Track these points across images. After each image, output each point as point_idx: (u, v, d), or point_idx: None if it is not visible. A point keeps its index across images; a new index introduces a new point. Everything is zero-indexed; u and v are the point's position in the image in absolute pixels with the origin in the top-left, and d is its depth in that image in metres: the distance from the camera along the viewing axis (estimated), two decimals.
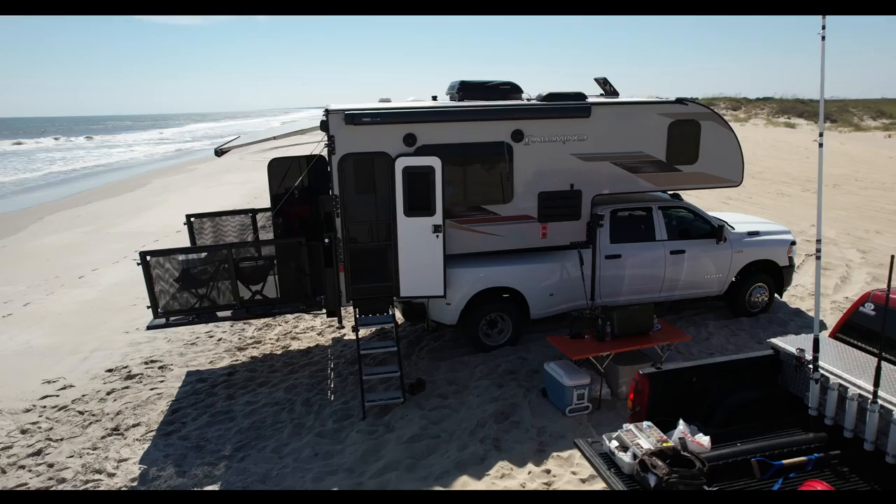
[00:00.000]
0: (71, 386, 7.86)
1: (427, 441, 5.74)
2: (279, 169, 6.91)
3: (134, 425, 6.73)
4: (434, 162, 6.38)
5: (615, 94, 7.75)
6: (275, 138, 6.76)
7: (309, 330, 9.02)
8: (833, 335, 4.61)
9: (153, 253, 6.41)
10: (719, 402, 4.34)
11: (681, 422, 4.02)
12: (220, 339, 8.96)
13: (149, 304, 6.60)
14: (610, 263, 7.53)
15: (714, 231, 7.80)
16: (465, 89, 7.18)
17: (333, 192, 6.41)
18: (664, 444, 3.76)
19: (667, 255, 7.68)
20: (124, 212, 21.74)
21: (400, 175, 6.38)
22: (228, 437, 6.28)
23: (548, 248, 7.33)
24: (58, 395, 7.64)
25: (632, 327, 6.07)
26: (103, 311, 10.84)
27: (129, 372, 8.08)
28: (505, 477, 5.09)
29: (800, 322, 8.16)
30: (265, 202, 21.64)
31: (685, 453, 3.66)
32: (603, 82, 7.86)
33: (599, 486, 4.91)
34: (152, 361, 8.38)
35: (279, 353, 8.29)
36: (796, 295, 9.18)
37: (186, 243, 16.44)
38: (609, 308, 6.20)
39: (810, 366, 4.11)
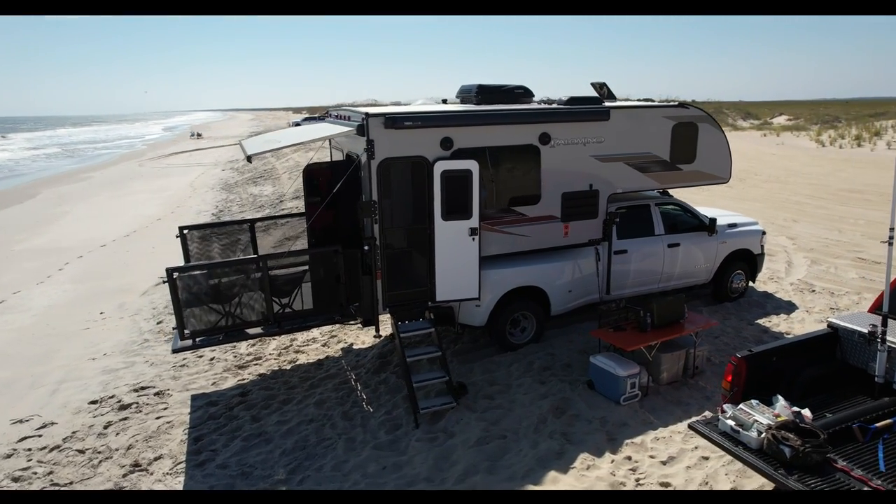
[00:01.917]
0: (52, 423, 7.02)
1: (495, 442, 5.77)
2: (314, 175, 6.60)
3: (156, 458, 6.16)
4: (472, 165, 6.41)
5: (612, 97, 8.19)
6: (307, 142, 6.46)
7: (310, 342, 8.67)
8: (872, 311, 5.25)
9: (180, 269, 5.88)
10: (794, 378, 4.80)
11: (780, 397, 4.41)
12: (212, 359, 8.37)
13: (174, 326, 6.05)
14: (618, 258, 7.96)
15: (703, 224, 8.48)
16: (482, 93, 7.28)
17: (371, 197, 6.26)
18: (780, 420, 4.12)
19: (665, 249, 8.25)
20: (22, 226, 19.46)
21: (438, 179, 6.35)
22: (274, 460, 5.93)
23: (563, 246, 7.60)
24: (40, 436, 6.80)
25: (669, 317, 6.49)
26: (51, 338, 9.73)
27: (120, 402, 7.35)
28: (591, 468, 5.27)
29: (774, 303, 9.07)
30: (189, 211, 20.37)
31: (803, 425, 4.04)
32: (599, 87, 8.27)
33: (682, 466, 5.23)
34: (142, 388, 7.67)
35: (288, 368, 7.90)
36: (759, 280, 10.16)
37: (113, 258, 15.10)
38: (639, 299, 6.56)
39: (878, 339, 4.65)
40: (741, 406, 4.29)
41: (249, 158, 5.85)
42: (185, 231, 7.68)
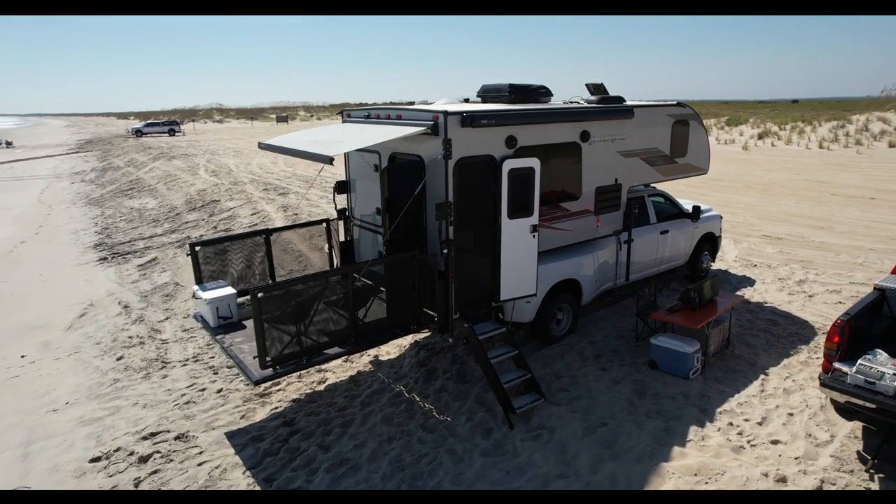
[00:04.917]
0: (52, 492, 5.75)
1: (601, 430, 5.91)
2: (395, 177, 6.15)
3: None
4: (534, 163, 6.46)
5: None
6: (374, 144, 6.02)
7: None
8: (894, 272, 6.30)
9: (264, 288, 5.14)
10: (867, 334, 5.62)
11: (880, 351, 5.15)
12: (220, 391, 7.41)
13: (255, 355, 5.28)
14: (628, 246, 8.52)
15: (682, 212, 9.39)
16: (515, 92, 7.36)
17: (448, 198, 6.04)
18: None
19: (658, 236, 9.00)
20: None
21: (506, 177, 6.32)
22: (379, 486, 5.48)
23: (589, 239, 7.95)
24: None
25: (710, 296, 7.14)
26: None
27: (134, 453, 6.24)
28: (706, 438, 5.64)
29: (735, 279, 10.30)
30: (61, 230, 17.45)
31: None
32: (594, 88, 8.74)
33: (778, 424, 5.80)
34: (153, 434, 6.58)
35: (322, 389, 7.28)
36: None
37: None
38: (641, 282, 7.11)
39: None
40: (861, 362, 4.94)
41: (331, 161, 5.33)
42: (198, 248, 6.74)
